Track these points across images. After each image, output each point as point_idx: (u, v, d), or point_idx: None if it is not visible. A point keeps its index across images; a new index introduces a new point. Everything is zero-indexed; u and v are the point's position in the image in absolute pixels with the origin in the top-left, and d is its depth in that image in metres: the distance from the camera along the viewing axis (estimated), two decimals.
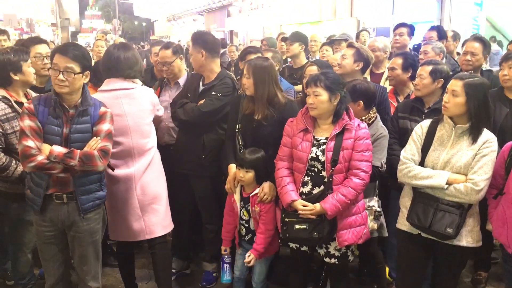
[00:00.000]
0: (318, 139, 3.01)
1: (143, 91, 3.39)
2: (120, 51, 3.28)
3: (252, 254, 3.28)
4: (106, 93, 3.23)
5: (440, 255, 2.97)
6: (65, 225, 2.95)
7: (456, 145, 2.82)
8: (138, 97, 3.32)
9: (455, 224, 2.76)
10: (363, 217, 3.06)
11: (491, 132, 2.83)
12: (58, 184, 2.87)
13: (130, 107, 3.27)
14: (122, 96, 3.25)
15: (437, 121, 2.94)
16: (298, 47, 5.20)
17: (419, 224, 2.86)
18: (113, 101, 3.18)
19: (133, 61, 3.30)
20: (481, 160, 2.73)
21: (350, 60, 3.87)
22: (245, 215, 3.39)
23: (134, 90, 3.31)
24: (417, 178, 2.86)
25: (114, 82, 3.27)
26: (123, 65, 3.26)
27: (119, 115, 3.18)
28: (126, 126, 3.25)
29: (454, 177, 2.78)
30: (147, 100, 3.38)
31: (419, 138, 2.95)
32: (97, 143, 2.86)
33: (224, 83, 3.69)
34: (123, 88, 3.26)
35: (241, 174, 3.29)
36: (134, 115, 3.27)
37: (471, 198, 2.74)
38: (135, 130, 3.28)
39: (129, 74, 3.29)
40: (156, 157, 3.46)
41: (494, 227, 2.91)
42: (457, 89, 2.78)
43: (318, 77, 2.99)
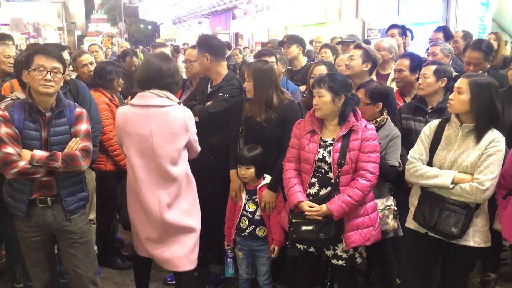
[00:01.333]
0: (325, 141, 3.01)
1: (178, 111, 3.02)
2: (162, 62, 3.05)
3: (275, 246, 3.37)
4: (137, 109, 3.00)
5: (448, 255, 2.96)
6: (53, 228, 2.94)
7: (463, 145, 2.81)
8: (170, 118, 2.98)
9: (460, 223, 2.75)
10: (371, 219, 3.04)
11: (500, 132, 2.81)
12: (42, 188, 2.86)
13: (159, 128, 2.97)
14: (153, 114, 2.97)
15: (445, 121, 2.93)
16: (296, 49, 5.20)
17: (425, 223, 2.87)
18: (142, 119, 2.96)
19: (174, 71, 3.07)
20: (488, 160, 2.72)
21: (359, 60, 3.88)
22: (250, 207, 3.43)
23: (169, 109, 2.99)
24: (424, 177, 2.85)
25: (148, 98, 2.99)
26: (164, 76, 3.01)
27: (144, 136, 2.96)
28: (150, 148, 2.97)
29: (460, 176, 2.77)
30: (180, 123, 3.00)
31: (427, 138, 2.95)
32: (77, 143, 2.87)
33: (231, 84, 3.71)
34: (156, 105, 2.98)
35: (242, 171, 3.37)
36: (161, 137, 2.97)
37: (477, 198, 2.73)
38: (160, 154, 2.98)
39: (169, 84, 3.02)
40: (187, 187, 3.15)
41: (504, 227, 2.89)
42: (463, 86, 2.78)
43: (322, 78, 3.00)
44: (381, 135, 3.25)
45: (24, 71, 2.77)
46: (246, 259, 3.55)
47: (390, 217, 3.25)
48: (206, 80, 3.88)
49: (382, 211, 3.24)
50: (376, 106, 3.28)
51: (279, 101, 3.40)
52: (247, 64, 3.47)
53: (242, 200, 3.45)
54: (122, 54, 6.16)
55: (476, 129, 2.78)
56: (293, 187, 3.06)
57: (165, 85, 3.01)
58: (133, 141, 3.00)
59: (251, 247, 3.48)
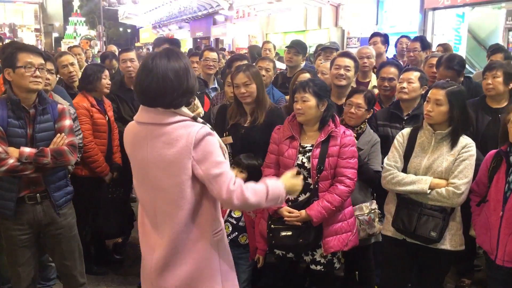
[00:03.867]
0: (304, 146, 3.03)
1: (184, 130, 2.07)
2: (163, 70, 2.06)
3: (260, 256, 3.33)
4: (138, 127, 2.19)
5: (425, 260, 3.01)
6: (42, 224, 2.95)
7: (436, 151, 2.88)
8: (170, 139, 2.07)
9: (439, 227, 2.82)
10: (349, 224, 3.07)
11: (471, 139, 2.91)
12: (30, 185, 2.87)
13: (155, 153, 2.10)
14: (152, 135, 2.11)
15: (417, 129, 3.01)
16: (301, 59, 5.22)
17: (404, 229, 2.90)
18: (140, 140, 2.16)
19: (183, 79, 2.10)
20: (461, 165, 2.80)
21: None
22: (235, 213, 3.39)
23: (173, 127, 2.08)
24: (401, 184, 2.90)
25: (149, 113, 2.13)
26: (167, 93, 2.08)
27: (141, 162, 2.18)
28: (147, 179, 2.19)
29: (436, 181, 2.84)
30: (180, 146, 2.05)
31: (401, 146, 3.01)
32: (63, 139, 2.90)
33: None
34: (156, 123, 2.11)
35: (235, 172, 3.27)
36: (157, 166, 2.11)
37: (453, 202, 2.80)
38: (157, 187, 2.15)
39: (178, 101, 2.11)
40: (196, 242, 2.18)
41: (478, 234, 2.96)
42: (441, 98, 2.83)
43: (306, 83, 3.02)
44: (363, 141, 3.30)
45: (6, 69, 2.75)
46: None
47: (376, 220, 3.30)
48: None
49: (368, 214, 3.28)
50: (369, 112, 3.36)
51: (268, 104, 3.45)
52: (244, 68, 3.39)
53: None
54: (101, 57, 6.11)
55: (451, 136, 2.86)
56: None
57: (168, 105, 2.10)
58: (134, 166, 2.27)
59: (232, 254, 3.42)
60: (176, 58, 2.10)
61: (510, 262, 2.73)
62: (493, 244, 2.81)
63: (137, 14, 31.40)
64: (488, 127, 3.51)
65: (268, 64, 4.44)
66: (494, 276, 2.93)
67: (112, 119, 4.17)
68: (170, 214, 2.14)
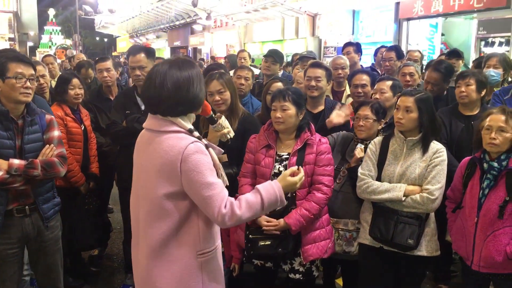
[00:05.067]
0: (280, 155, 3.03)
1: (175, 142, 1.99)
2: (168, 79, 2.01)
3: (235, 264, 3.28)
4: (142, 133, 2.18)
5: (402, 267, 3.02)
6: (30, 238, 2.89)
7: (409, 158, 2.92)
8: (161, 149, 2.00)
9: (415, 235, 2.85)
10: (327, 231, 3.08)
11: (442, 145, 2.96)
12: (19, 197, 2.81)
13: (147, 161, 2.07)
14: (148, 142, 2.09)
15: (389, 137, 3.05)
16: (277, 68, 5.26)
17: (381, 237, 2.92)
18: (139, 147, 2.17)
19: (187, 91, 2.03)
20: (434, 170, 2.85)
21: (325, 81, 3.82)
22: None
23: (167, 137, 2.02)
24: (376, 193, 2.92)
25: (149, 119, 2.12)
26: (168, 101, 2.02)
27: (136, 168, 2.18)
28: (134, 184, 2.19)
29: (410, 188, 2.88)
30: (168, 158, 1.97)
31: (374, 154, 3.04)
32: (52, 150, 2.85)
33: None
34: (152, 129, 2.08)
35: None
36: (146, 174, 2.07)
37: (428, 208, 2.84)
38: (143, 196, 2.10)
39: (180, 111, 2.06)
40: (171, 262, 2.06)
41: (454, 240, 3.00)
42: (410, 105, 2.89)
43: (285, 91, 3.02)
44: None
45: None
46: None
47: (356, 241, 3.19)
48: (129, 93, 3.87)
49: (351, 232, 3.24)
50: (380, 123, 3.29)
51: (241, 111, 3.43)
52: (217, 76, 3.38)
53: None
54: (77, 66, 6.02)
55: (422, 142, 2.91)
56: None
57: (171, 113, 2.05)
58: (134, 173, 2.21)
59: None
60: (181, 67, 2.03)
61: (486, 267, 2.77)
62: (469, 250, 2.85)
63: (114, 23, 31.21)
64: (462, 134, 3.57)
65: (247, 73, 4.46)
66: (470, 281, 2.97)
67: (89, 129, 4.11)
68: (150, 225, 2.05)
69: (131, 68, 3.78)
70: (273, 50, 5.65)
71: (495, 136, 2.69)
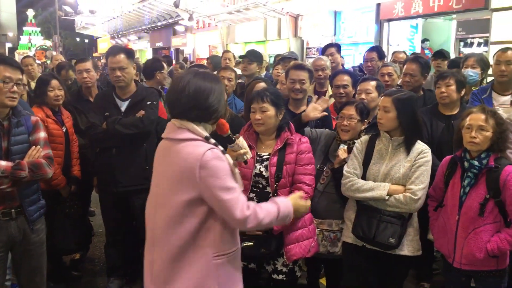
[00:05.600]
0: (261, 155, 3.04)
1: (193, 149, 2.04)
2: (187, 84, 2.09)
3: None
4: (163, 141, 2.23)
5: (384, 265, 3.04)
6: (16, 241, 2.86)
7: (394, 158, 2.94)
8: (179, 157, 2.07)
9: (397, 234, 2.87)
10: (310, 230, 3.08)
11: (426, 145, 2.99)
12: (5, 200, 2.77)
13: (166, 169, 2.14)
14: (167, 151, 2.16)
15: (375, 136, 3.06)
16: (256, 67, 5.25)
17: (364, 236, 2.94)
18: (159, 154, 2.24)
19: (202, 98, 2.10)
20: (418, 170, 2.87)
21: (308, 82, 3.83)
22: None
23: (184, 145, 2.08)
24: (360, 191, 2.94)
25: (168, 128, 2.19)
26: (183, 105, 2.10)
27: (155, 176, 2.23)
28: (154, 193, 2.22)
29: (394, 188, 2.89)
30: (186, 166, 2.03)
31: (360, 153, 3.06)
32: (39, 151, 2.83)
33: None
34: (169, 137, 2.15)
35: None
36: (165, 182, 2.13)
37: (411, 207, 2.86)
38: (161, 203, 2.15)
39: (196, 116, 2.11)
40: (193, 261, 2.10)
41: (436, 238, 3.03)
42: (388, 105, 2.92)
43: (263, 92, 3.02)
44: None
45: None
46: None
47: (340, 241, 3.21)
48: (107, 95, 3.85)
49: (335, 232, 3.24)
50: (363, 123, 3.30)
51: (228, 113, 3.43)
52: None
53: None
54: (57, 68, 5.92)
55: (405, 142, 2.93)
56: None
57: (190, 118, 2.11)
58: (153, 179, 2.27)
59: None
60: (206, 78, 2.14)
61: (467, 264, 2.81)
62: (451, 248, 2.88)
63: (94, 24, 30.83)
64: (442, 134, 3.61)
65: (230, 73, 4.45)
66: (451, 279, 3.01)
67: (70, 131, 4.07)
68: (169, 231, 2.09)
69: (111, 69, 3.72)
70: (249, 50, 5.68)
71: (475, 135, 2.73)
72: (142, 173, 3.72)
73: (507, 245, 2.70)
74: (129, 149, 3.74)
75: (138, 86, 3.86)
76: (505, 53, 3.96)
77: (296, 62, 4.23)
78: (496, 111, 2.86)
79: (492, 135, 2.73)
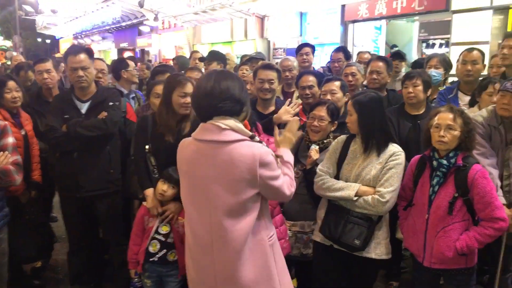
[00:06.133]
0: None
1: (246, 150, 2.18)
2: (215, 81, 2.22)
3: None
4: (198, 144, 2.28)
5: (352, 267, 3.02)
6: None
7: (367, 159, 2.92)
8: (233, 159, 2.18)
9: (363, 236, 2.84)
10: (281, 231, 3.04)
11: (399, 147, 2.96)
12: None
13: (218, 171, 2.21)
14: (213, 153, 2.22)
15: (352, 137, 3.04)
16: (217, 67, 5.16)
17: (330, 235, 2.92)
18: (200, 157, 2.25)
19: (235, 91, 2.23)
20: (388, 173, 2.84)
21: (277, 82, 3.82)
22: (163, 229, 3.22)
23: (234, 146, 2.19)
24: (330, 190, 2.92)
25: (208, 131, 2.24)
26: (217, 98, 2.21)
27: (200, 179, 2.26)
28: (206, 197, 2.26)
29: (364, 189, 2.87)
30: (245, 167, 2.17)
31: (335, 153, 3.03)
32: (7, 158, 2.73)
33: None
34: (216, 140, 2.21)
35: (164, 187, 3.15)
36: (219, 184, 2.21)
37: (378, 210, 2.83)
38: (216, 206, 2.23)
39: (230, 109, 2.22)
40: (254, 250, 2.28)
41: (405, 237, 3.03)
42: (350, 108, 2.92)
43: None
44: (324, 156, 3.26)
45: None
46: (155, 287, 3.27)
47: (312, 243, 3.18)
48: (65, 96, 3.72)
49: (307, 234, 3.21)
50: (333, 125, 3.27)
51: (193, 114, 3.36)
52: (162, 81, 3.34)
53: (155, 222, 3.25)
54: (16, 68, 5.69)
55: (376, 144, 2.90)
56: None
57: (225, 111, 2.21)
58: (189, 184, 2.33)
59: (161, 273, 3.24)
60: (227, 76, 2.28)
61: (437, 263, 2.82)
62: (420, 247, 2.89)
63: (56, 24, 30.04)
64: (409, 133, 3.62)
65: (197, 74, 4.37)
66: (421, 278, 3.01)
67: (30, 134, 3.92)
68: (231, 229, 2.21)
69: (73, 69, 3.56)
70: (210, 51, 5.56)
71: (444, 134, 2.74)
72: (106, 176, 3.65)
73: (476, 243, 2.72)
74: (92, 153, 3.61)
75: (99, 87, 3.74)
76: (471, 53, 4.03)
77: (265, 62, 4.20)
78: (464, 111, 2.89)
79: (460, 134, 2.75)
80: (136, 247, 3.29)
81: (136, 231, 3.30)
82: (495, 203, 2.69)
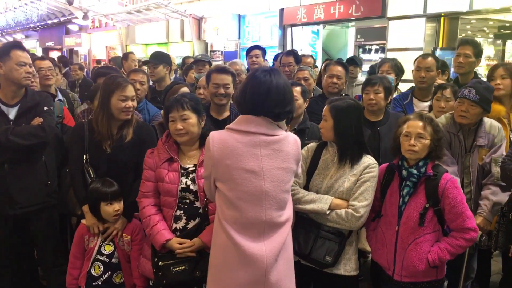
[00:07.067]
0: (185, 168, 2.75)
1: (291, 140, 2.36)
2: (274, 77, 2.30)
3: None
4: (242, 136, 2.27)
5: (319, 283, 2.88)
6: None
7: (339, 170, 2.77)
8: (283, 149, 2.30)
9: (334, 252, 2.71)
10: None
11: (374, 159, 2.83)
12: None
13: (271, 162, 2.28)
14: (263, 144, 2.27)
15: (323, 145, 2.88)
16: (163, 69, 4.84)
17: (299, 251, 2.75)
18: (249, 149, 2.25)
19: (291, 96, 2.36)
20: (362, 186, 2.71)
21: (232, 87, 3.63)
22: (106, 249, 2.95)
23: (280, 137, 2.31)
24: (301, 202, 2.75)
25: (256, 124, 2.27)
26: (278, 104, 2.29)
27: (253, 172, 2.25)
28: (260, 188, 2.26)
29: (337, 202, 2.72)
30: (294, 155, 2.35)
31: (305, 161, 2.87)
32: None
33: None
34: (266, 133, 2.28)
35: (116, 207, 2.92)
36: (274, 175, 2.28)
37: (352, 225, 2.70)
38: (271, 196, 2.28)
39: (280, 114, 2.31)
40: (289, 238, 2.43)
41: (374, 249, 2.91)
42: (326, 113, 2.78)
43: (182, 99, 2.74)
44: None
45: None
46: None
47: None
48: None
49: None
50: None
51: (135, 120, 3.13)
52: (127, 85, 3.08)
53: (96, 242, 2.95)
54: None
55: (350, 154, 2.76)
56: (156, 225, 2.70)
57: (277, 116, 2.32)
58: (238, 178, 2.26)
59: None
60: (281, 76, 2.35)
61: (408, 276, 2.72)
62: (390, 259, 2.78)
63: None
64: (369, 140, 3.53)
65: (142, 76, 4.09)
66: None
67: None
68: (278, 218, 2.31)
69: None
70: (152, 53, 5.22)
71: (414, 143, 2.65)
72: (43, 189, 3.32)
73: (447, 255, 2.66)
74: (26, 164, 3.25)
75: (28, 90, 3.36)
76: (425, 60, 4.04)
77: (219, 65, 3.98)
78: (433, 118, 2.82)
79: (430, 143, 2.67)
80: (76, 271, 2.98)
81: (75, 253, 3.00)
82: (466, 213, 2.63)
